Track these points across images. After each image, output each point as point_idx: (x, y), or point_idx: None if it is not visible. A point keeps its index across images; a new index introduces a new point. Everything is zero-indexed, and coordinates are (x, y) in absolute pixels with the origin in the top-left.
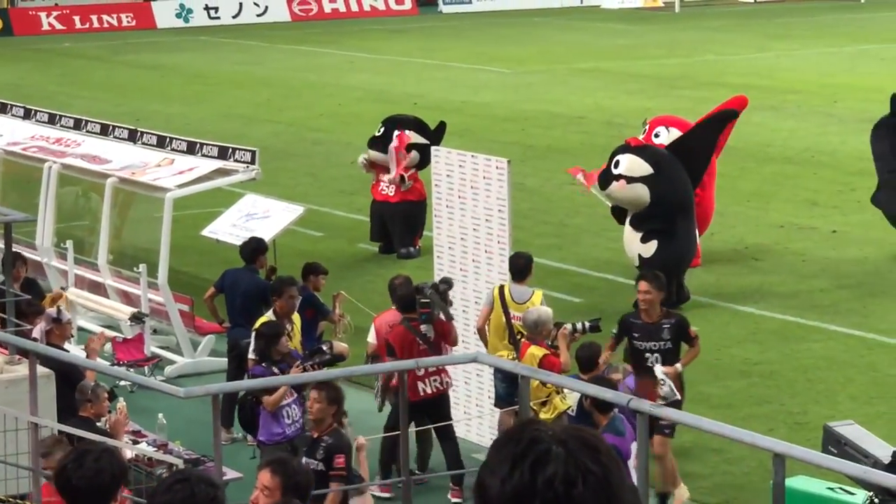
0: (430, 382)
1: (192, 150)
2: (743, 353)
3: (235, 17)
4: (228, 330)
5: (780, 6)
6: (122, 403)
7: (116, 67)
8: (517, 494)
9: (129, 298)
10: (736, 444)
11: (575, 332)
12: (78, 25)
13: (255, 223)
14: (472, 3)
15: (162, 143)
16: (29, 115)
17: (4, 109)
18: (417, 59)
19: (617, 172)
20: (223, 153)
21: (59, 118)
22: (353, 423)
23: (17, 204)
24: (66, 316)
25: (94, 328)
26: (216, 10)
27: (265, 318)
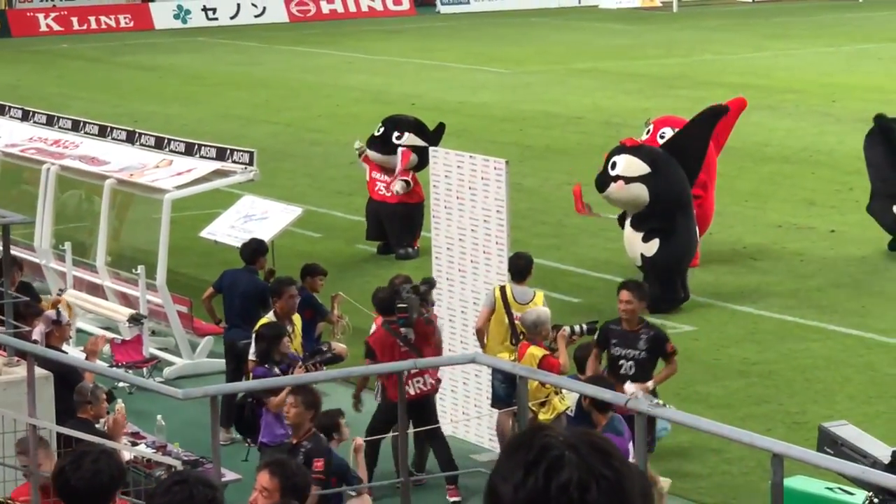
0: (413, 384)
1: (190, 151)
2: (741, 352)
3: (233, 17)
4: (225, 331)
5: (777, 6)
6: (120, 405)
7: (114, 68)
8: (531, 501)
9: (127, 300)
10: (734, 443)
11: (573, 333)
12: (76, 27)
13: (253, 224)
14: (469, 3)
15: (160, 144)
16: (27, 116)
17: (2, 111)
18: (415, 59)
19: (614, 174)
20: (221, 154)
21: (57, 119)
22: (349, 423)
23: (16, 205)
24: (65, 318)
25: (92, 330)
26: (214, 10)
27: (266, 319)
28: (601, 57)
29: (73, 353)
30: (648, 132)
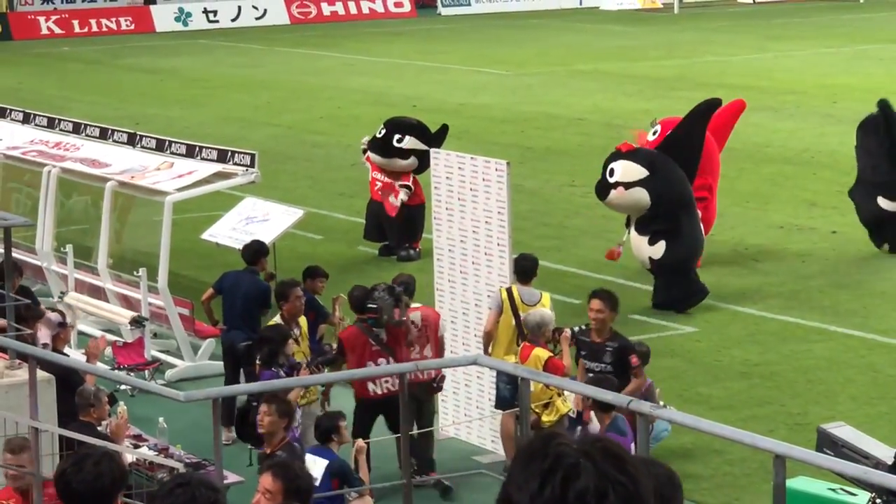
0: (380, 383)
1: (191, 153)
2: (743, 354)
3: (234, 20)
4: (224, 332)
5: (778, 7)
6: (122, 407)
7: (115, 71)
8: None
9: (129, 302)
10: (736, 445)
11: (574, 335)
12: (77, 29)
13: (254, 226)
14: (470, 5)
15: (161, 146)
16: (28, 119)
17: (4, 114)
18: (416, 61)
19: (613, 181)
20: (222, 156)
21: (58, 122)
22: (349, 426)
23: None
24: (69, 321)
25: (94, 332)
26: (215, 13)
27: (273, 321)
28: (602, 58)
29: (73, 355)
30: (656, 133)
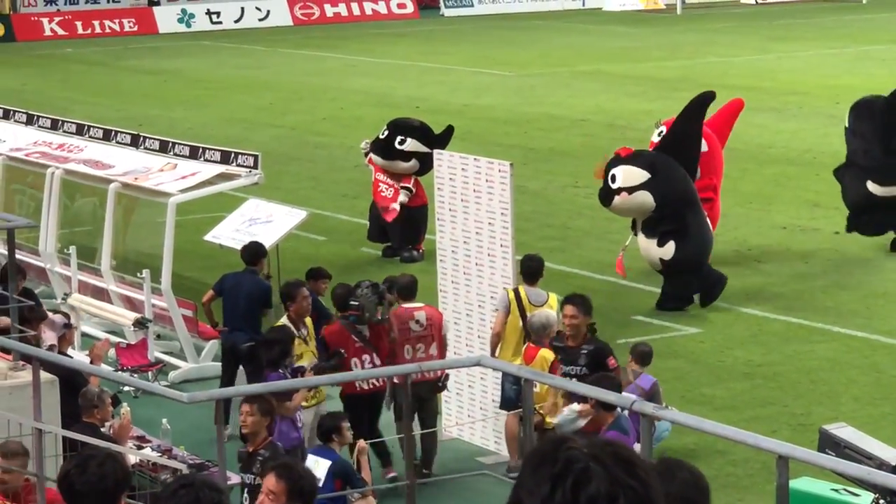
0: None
1: (194, 154)
2: (746, 354)
3: (237, 21)
4: (225, 334)
5: (781, 8)
6: (125, 409)
7: (118, 72)
8: None
9: (132, 304)
10: (740, 445)
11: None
12: (80, 31)
13: (257, 228)
14: (473, 6)
15: (164, 147)
16: (32, 120)
17: (7, 115)
18: (419, 62)
19: (616, 186)
20: (225, 158)
21: (61, 123)
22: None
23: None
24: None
25: (97, 334)
26: (218, 14)
27: (281, 322)
28: (605, 59)
29: (77, 357)
30: (661, 134)
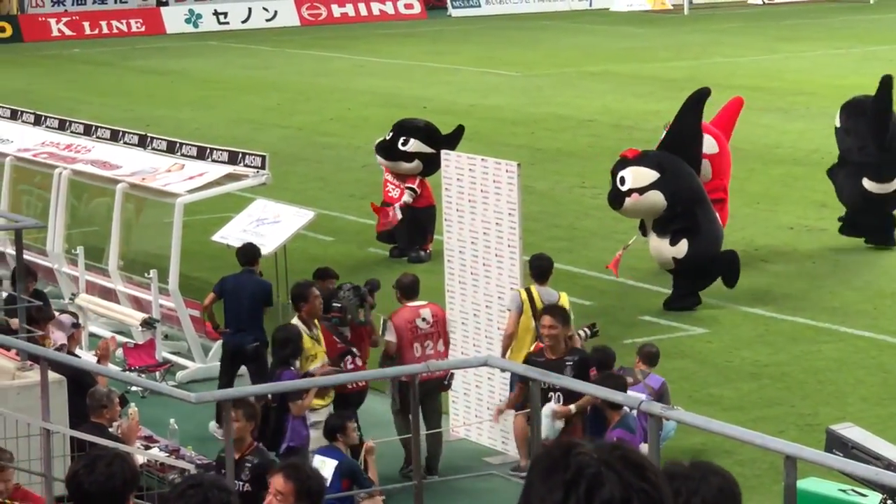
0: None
1: (202, 155)
2: (753, 355)
3: (244, 21)
4: (229, 335)
5: (788, 8)
6: (133, 409)
7: (126, 73)
8: None
9: (139, 304)
10: (747, 445)
11: (581, 339)
12: (87, 31)
13: (265, 228)
14: (480, 6)
15: (172, 148)
16: (39, 121)
17: (15, 115)
18: (426, 62)
19: (626, 188)
20: (233, 158)
21: (69, 124)
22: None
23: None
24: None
25: (105, 334)
26: (225, 15)
27: (292, 322)
28: (612, 60)
29: (84, 357)
30: None
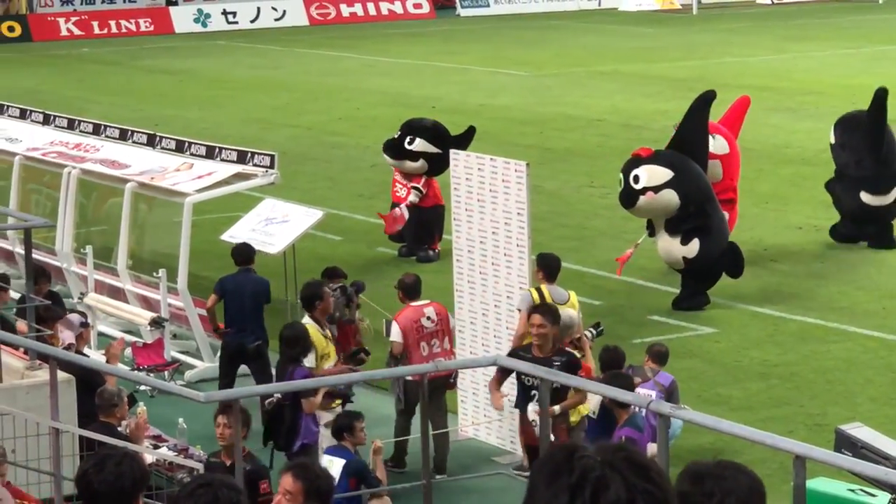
0: None
1: (210, 154)
2: (762, 354)
3: (253, 21)
4: (230, 335)
5: (797, 8)
6: (142, 408)
7: (135, 72)
8: None
9: (148, 303)
10: (756, 445)
11: (589, 339)
12: (96, 31)
13: (274, 227)
14: (489, 6)
15: (181, 147)
16: (48, 120)
17: (24, 115)
18: (435, 62)
19: (640, 187)
20: (242, 157)
21: (78, 123)
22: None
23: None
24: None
25: (113, 333)
26: (234, 14)
27: (305, 322)
28: (621, 59)
29: (93, 356)
30: None
